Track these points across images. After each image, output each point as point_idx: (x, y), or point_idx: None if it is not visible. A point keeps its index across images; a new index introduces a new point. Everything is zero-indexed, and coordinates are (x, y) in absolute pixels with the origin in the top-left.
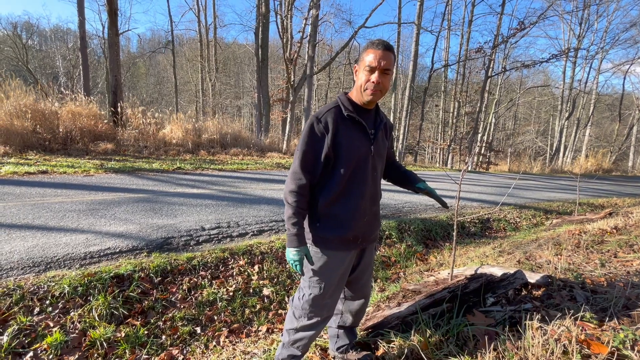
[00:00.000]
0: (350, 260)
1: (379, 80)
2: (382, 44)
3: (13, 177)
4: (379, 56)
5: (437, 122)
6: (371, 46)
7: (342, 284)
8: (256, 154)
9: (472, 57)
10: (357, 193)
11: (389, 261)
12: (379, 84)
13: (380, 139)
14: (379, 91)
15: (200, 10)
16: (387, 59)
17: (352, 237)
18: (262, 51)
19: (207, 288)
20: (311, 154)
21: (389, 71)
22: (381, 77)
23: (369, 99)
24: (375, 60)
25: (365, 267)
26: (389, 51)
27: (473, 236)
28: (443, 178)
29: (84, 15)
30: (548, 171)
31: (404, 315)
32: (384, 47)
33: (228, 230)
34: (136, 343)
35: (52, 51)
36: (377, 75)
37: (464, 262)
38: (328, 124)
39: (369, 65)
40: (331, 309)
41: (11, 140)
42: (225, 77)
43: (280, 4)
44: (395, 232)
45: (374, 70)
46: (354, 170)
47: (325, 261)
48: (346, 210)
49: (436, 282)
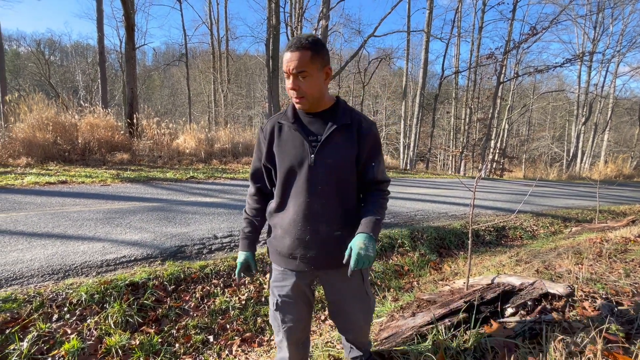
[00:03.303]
0: (300, 281)
1: (293, 87)
2: (293, 44)
3: (35, 187)
4: (287, 59)
5: (449, 129)
6: (285, 49)
7: (297, 307)
8: None
9: (484, 64)
10: (292, 208)
11: (402, 270)
12: (298, 89)
13: (332, 147)
14: (302, 98)
15: (212, 24)
16: (297, 60)
17: (287, 254)
18: (273, 62)
19: (219, 296)
20: (256, 162)
21: (304, 73)
22: (297, 82)
23: (298, 107)
24: (286, 64)
25: (337, 299)
26: (299, 51)
27: (488, 245)
28: (456, 185)
29: (102, 32)
30: (565, 178)
31: (419, 325)
32: (295, 48)
33: None
34: (150, 351)
35: (72, 66)
36: (291, 81)
37: (480, 272)
38: (267, 132)
39: (284, 72)
40: (292, 333)
41: (33, 152)
42: (236, 88)
43: (291, 15)
44: (407, 241)
45: (289, 75)
46: (288, 182)
47: (272, 273)
48: (281, 224)
49: (451, 291)
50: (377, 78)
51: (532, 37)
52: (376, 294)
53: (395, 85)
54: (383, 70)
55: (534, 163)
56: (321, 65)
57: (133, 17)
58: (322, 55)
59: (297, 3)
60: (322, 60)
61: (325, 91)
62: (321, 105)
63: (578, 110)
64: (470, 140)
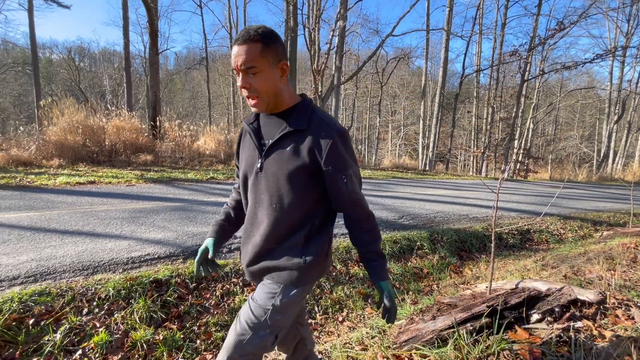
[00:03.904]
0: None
1: (243, 84)
2: (241, 37)
3: (66, 187)
4: (234, 54)
5: (470, 129)
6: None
7: None
8: None
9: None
10: (247, 214)
11: (421, 273)
12: (249, 87)
13: (277, 155)
14: (256, 98)
15: (232, 27)
16: (245, 54)
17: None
18: (291, 64)
19: (239, 295)
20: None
21: (254, 69)
22: (247, 79)
23: (253, 109)
24: (233, 59)
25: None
26: (247, 44)
27: (512, 248)
28: (477, 187)
29: (128, 38)
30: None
31: (440, 329)
32: (242, 41)
33: None
34: (173, 346)
35: (100, 71)
36: (241, 78)
37: (503, 276)
38: (240, 134)
39: (233, 68)
40: None
41: (65, 154)
42: None
43: (308, 17)
44: (427, 243)
45: (238, 72)
46: (244, 188)
47: None
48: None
49: (473, 295)
50: (395, 78)
51: (559, 33)
52: (395, 297)
53: (413, 84)
54: (401, 69)
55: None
56: (274, 60)
57: (156, 23)
58: (275, 49)
59: (315, 5)
60: (274, 54)
61: (284, 89)
62: (281, 105)
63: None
64: (493, 140)
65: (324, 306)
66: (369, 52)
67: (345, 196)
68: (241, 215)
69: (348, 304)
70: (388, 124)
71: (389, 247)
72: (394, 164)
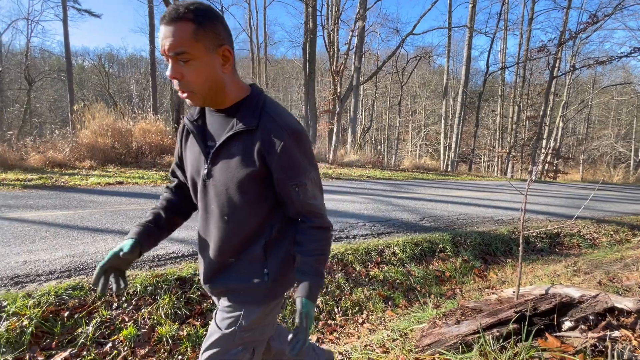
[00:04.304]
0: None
1: (173, 74)
2: (167, 14)
3: (97, 187)
4: (161, 36)
5: (494, 128)
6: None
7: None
8: None
9: (534, 57)
10: (199, 224)
11: (443, 276)
12: (180, 79)
13: (224, 159)
14: (189, 92)
15: (252, 31)
16: (172, 37)
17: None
18: (310, 65)
19: None
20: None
21: (185, 55)
22: (178, 68)
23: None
24: (160, 43)
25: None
26: (175, 23)
27: (540, 252)
28: (502, 188)
29: (154, 44)
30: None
31: (464, 334)
32: (169, 19)
33: None
34: (196, 342)
35: (127, 77)
36: (170, 67)
37: (531, 281)
38: (180, 132)
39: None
40: None
41: (95, 155)
42: (274, 92)
43: (327, 18)
44: (449, 246)
45: (167, 58)
46: (194, 195)
47: None
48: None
49: (500, 300)
50: (415, 77)
51: (591, 26)
52: (416, 300)
53: (435, 83)
54: (422, 68)
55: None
56: (212, 44)
57: None
58: (213, 30)
59: (334, 6)
60: (212, 36)
61: (229, 81)
62: (226, 100)
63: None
64: (519, 140)
65: (343, 308)
66: (389, 52)
67: (297, 205)
68: (173, 219)
69: (368, 306)
70: (408, 124)
71: (409, 249)
72: (415, 164)
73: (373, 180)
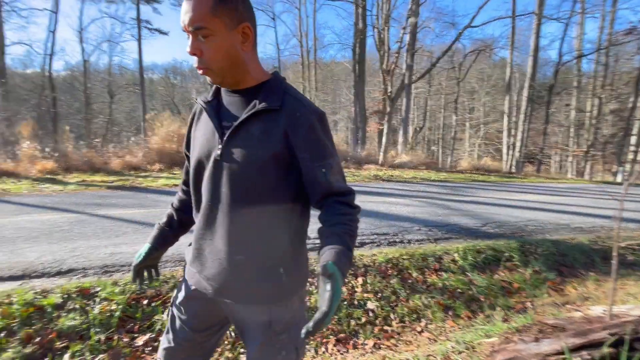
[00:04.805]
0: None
1: (192, 50)
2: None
3: (165, 188)
4: (182, 11)
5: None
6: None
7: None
8: (353, 166)
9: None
10: (200, 210)
11: (511, 287)
12: (200, 54)
13: (243, 139)
14: (206, 69)
15: (302, 36)
16: (192, 11)
17: (190, 263)
18: (359, 66)
19: (313, 295)
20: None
21: (204, 30)
22: (197, 44)
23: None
24: (181, 18)
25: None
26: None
27: (632, 266)
28: (578, 191)
29: None
30: None
31: (546, 353)
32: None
33: None
34: None
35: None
36: (190, 43)
37: (623, 299)
38: (192, 114)
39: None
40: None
41: (163, 159)
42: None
43: (377, 18)
44: (517, 255)
45: (188, 34)
46: (197, 178)
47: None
48: (194, 231)
49: (587, 319)
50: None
51: None
52: (479, 311)
53: (495, 78)
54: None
55: None
56: (232, 21)
57: None
58: (234, 6)
59: (385, 4)
60: (232, 12)
61: (248, 61)
62: (246, 80)
63: None
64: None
65: (400, 314)
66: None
67: (324, 186)
68: (186, 220)
69: (426, 314)
70: (465, 123)
71: (470, 256)
72: (473, 165)
73: (427, 182)
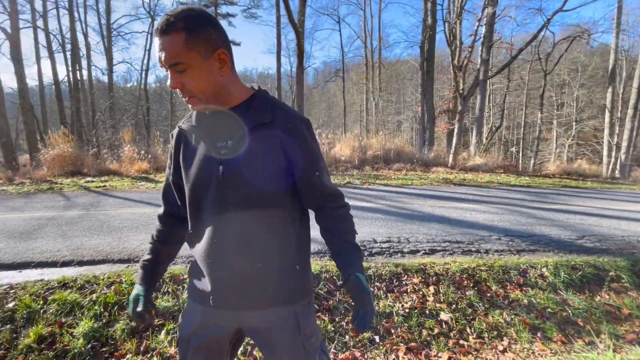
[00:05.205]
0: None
1: (173, 85)
2: (159, 26)
3: None
4: (155, 48)
5: None
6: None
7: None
8: (420, 169)
9: None
10: (204, 235)
11: (618, 313)
12: (181, 87)
13: (246, 155)
14: (193, 98)
15: (366, 37)
16: (166, 49)
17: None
18: (428, 63)
19: (382, 300)
20: (166, 182)
21: (181, 65)
22: (177, 78)
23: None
24: (156, 55)
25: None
26: (166, 35)
27: None
28: None
29: (280, 62)
30: None
31: None
32: (161, 31)
33: (399, 245)
34: (325, 336)
35: None
36: (170, 78)
37: None
38: (173, 141)
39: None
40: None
41: None
42: (387, 95)
43: (449, 11)
44: (626, 275)
45: (166, 69)
46: (196, 203)
47: (185, 307)
48: (196, 253)
49: None
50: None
51: None
52: (577, 336)
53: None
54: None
55: None
56: (207, 51)
57: (303, 45)
58: (206, 35)
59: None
60: (205, 42)
61: (228, 83)
62: (229, 101)
63: None
64: None
65: (477, 329)
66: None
67: (320, 190)
68: (169, 250)
69: (509, 333)
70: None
71: (564, 273)
72: (563, 169)
73: (506, 187)
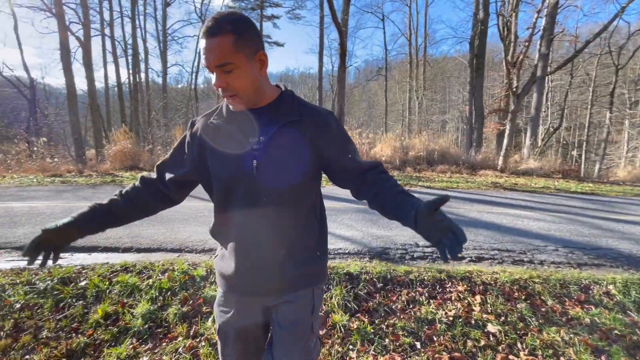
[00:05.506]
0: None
1: (219, 84)
2: (209, 28)
3: None
4: (204, 49)
5: None
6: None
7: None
8: (466, 171)
9: None
10: (234, 227)
11: None
12: (226, 87)
13: (278, 148)
14: (234, 96)
15: (411, 34)
16: (217, 50)
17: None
18: (478, 60)
19: (424, 305)
20: (170, 160)
21: (229, 66)
22: (223, 78)
23: (232, 107)
24: (204, 56)
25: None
26: (217, 36)
27: None
28: None
29: (322, 61)
30: None
31: None
32: (211, 33)
33: None
34: (365, 338)
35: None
36: (215, 78)
37: None
38: (197, 131)
39: (205, 66)
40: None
41: None
42: (431, 94)
43: (503, 3)
44: None
45: (211, 70)
46: (226, 195)
47: (217, 299)
48: (225, 244)
49: None
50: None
51: None
52: None
53: None
54: None
55: None
56: (250, 52)
57: (346, 44)
58: (250, 38)
59: None
60: (250, 44)
61: (264, 83)
62: (262, 100)
63: None
64: None
65: (530, 345)
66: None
67: (357, 168)
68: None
69: (567, 353)
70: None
71: (635, 291)
72: (636, 175)
73: (565, 194)
